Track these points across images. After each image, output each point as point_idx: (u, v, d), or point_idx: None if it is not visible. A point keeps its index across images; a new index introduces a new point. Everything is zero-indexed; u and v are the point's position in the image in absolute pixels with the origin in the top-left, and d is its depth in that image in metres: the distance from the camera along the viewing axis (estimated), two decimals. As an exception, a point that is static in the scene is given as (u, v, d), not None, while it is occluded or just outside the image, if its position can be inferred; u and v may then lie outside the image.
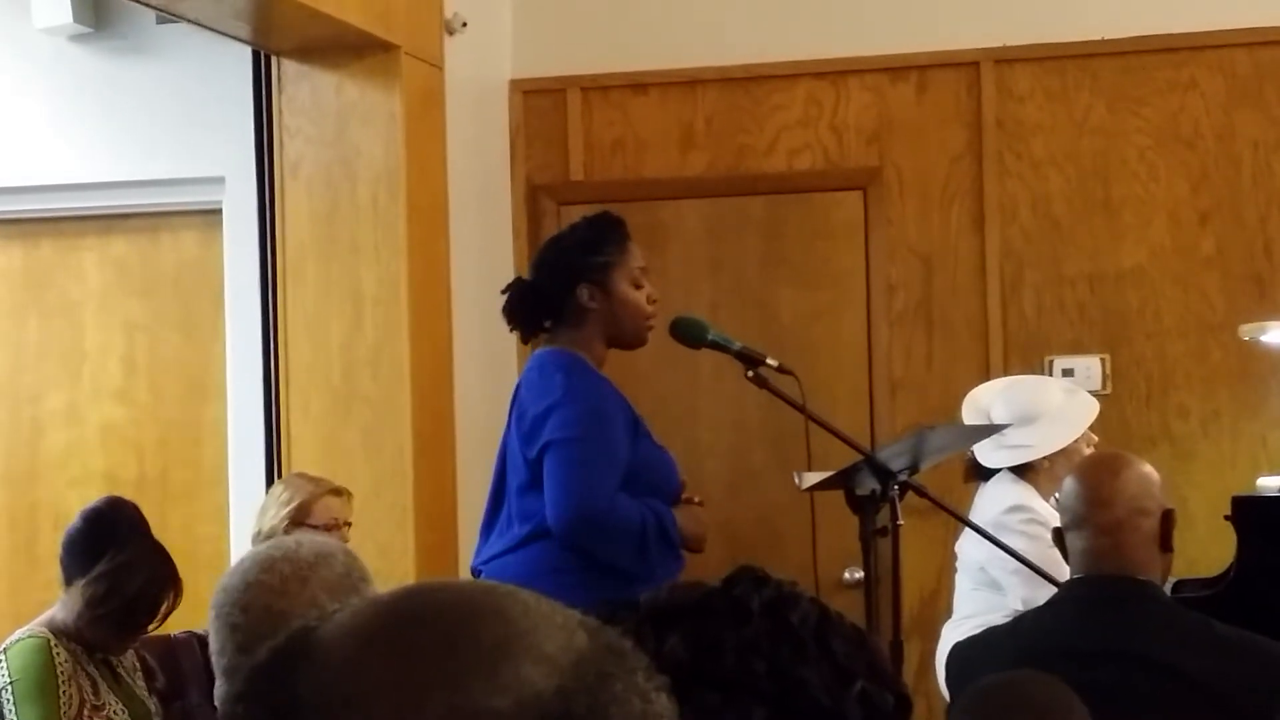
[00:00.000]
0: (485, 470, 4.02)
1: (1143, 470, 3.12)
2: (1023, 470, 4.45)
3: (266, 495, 4.69)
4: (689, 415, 5.60)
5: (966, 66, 5.60)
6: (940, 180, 5.63)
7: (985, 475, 4.52)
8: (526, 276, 3.97)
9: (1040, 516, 4.30)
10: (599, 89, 5.82)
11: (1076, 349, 5.52)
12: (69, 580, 3.96)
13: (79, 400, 5.74)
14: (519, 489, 3.76)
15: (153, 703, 4.12)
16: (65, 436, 5.74)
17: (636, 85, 5.80)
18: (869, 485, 3.48)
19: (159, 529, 4.15)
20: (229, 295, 5.52)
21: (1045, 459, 4.44)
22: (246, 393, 5.37)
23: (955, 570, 4.62)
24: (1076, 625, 3.02)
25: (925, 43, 5.62)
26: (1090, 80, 5.56)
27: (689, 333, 3.77)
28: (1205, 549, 4.97)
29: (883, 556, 3.55)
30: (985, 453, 4.48)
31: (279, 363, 5.22)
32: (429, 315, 5.21)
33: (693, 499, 3.85)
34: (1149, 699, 2.90)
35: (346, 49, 5.10)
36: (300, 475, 4.72)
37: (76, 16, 5.51)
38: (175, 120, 5.56)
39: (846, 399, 5.49)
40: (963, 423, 4.57)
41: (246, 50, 5.26)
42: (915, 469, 3.61)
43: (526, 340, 3.98)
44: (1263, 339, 5.19)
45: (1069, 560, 3.12)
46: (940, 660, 4.24)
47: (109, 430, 5.73)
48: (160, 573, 3.92)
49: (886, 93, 5.67)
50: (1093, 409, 4.55)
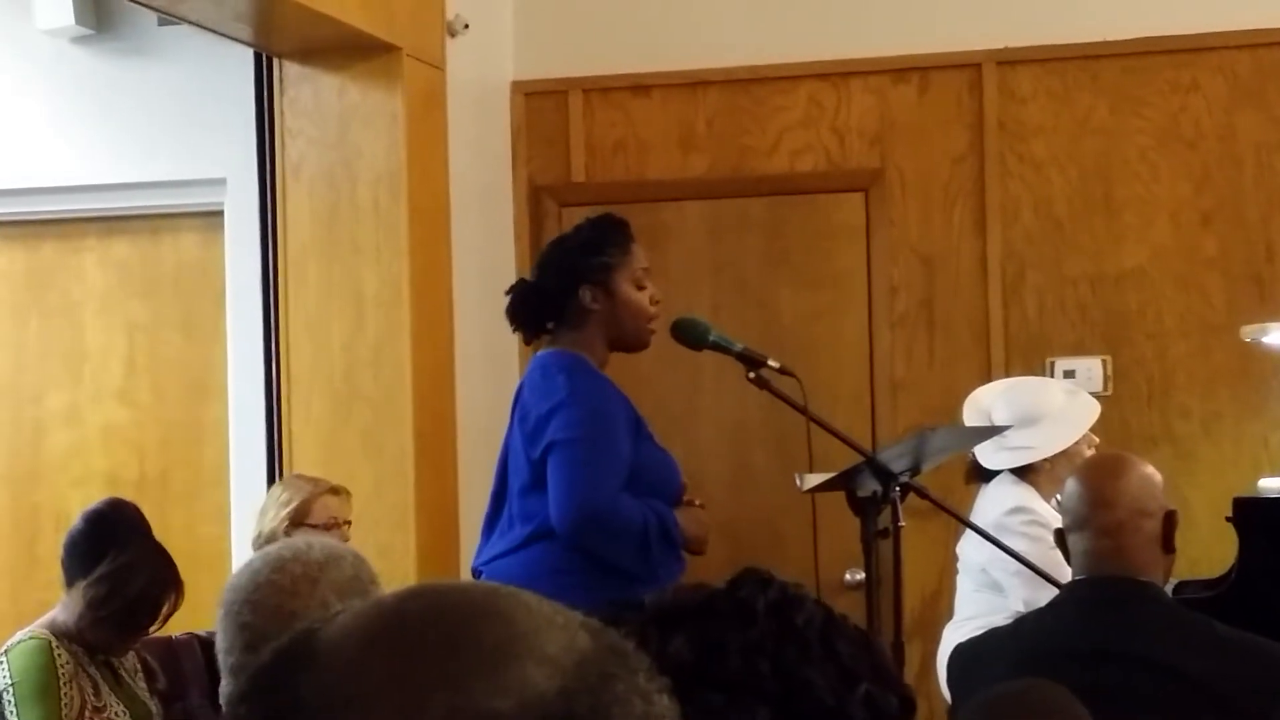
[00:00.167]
0: (486, 471, 4.02)
1: (1144, 471, 3.12)
2: (1024, 472, 4.45)
3: (266, 497, 4.69)
4: (690, 416, 5.60)
5: (968, 68, 5.60)
6: (942, 181, 5.63)
7: (986, 477, 4.52)
8: (529, 278, 3.97)
9: (1041, 518, 4.29)
10: (600, 90, 5.82)
11: (1078, 350, 5.52)
12: (70, 581, 3.96)
13: (80, 401, 5.74)
14: (521, 490, 3.76)
15: (154, 704, 4.12)
16: (66, 437, 5.74)
17: (638, 86, 5.80)
18: (870, 487, 3.48)
19: (160, 530, 4.15)
20: (230, 296, 5.52)
21: (1046, 460, 4.44)
22: (248, 393, 5.37)
23: (956, 572, 4.62)
24: (1078, 626, 3.02)
25: (927, 44, 5.62)
26: (1092, 81, 5.56)
27: (690, 334, 3.77)
28: (1207, 550, 4.96)
29: (884, 558, 3.55)
30: (986, 454, 4.48)
31: (280, 364, 5.22)
32: (430, 316, 5.21)
33: (694, 501, 3.85)
34: (1151, 700, 2.90)
35: (348, 51, 5.10)
36: (298, 476, 4.73)
37: (78, 18, 5.51)
38: (177, 122, 5.56)
39: (848, 400, 5.48)
40: (964, 424, 4.57)
41: (248, 52, 5.27)
42: (916, 470, 3.61)
43: (529, 341, 3.98)
44: (1264, 340, 5.18)
45: (1070, 562, 3.11)
46: (941, 662, 4.24)
47: (110, 431, 5.73)
48: (161, 574, 3.92)
49: (888, 94, 5.67)
50: (1094, 410, 4.55)
